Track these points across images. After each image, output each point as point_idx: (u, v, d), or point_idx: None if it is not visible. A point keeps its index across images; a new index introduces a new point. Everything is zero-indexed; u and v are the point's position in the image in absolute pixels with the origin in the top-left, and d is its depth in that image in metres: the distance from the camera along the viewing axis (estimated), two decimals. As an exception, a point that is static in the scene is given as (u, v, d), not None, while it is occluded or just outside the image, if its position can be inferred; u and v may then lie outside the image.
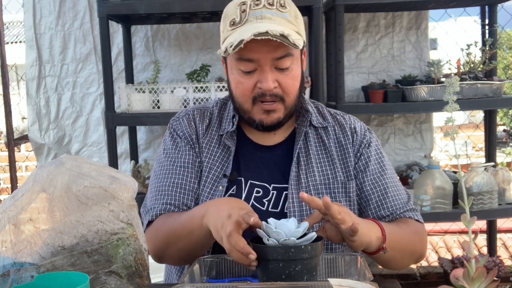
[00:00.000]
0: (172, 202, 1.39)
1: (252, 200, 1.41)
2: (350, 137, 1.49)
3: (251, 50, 1.30)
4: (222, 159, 1.45)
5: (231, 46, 1.29)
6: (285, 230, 1.11)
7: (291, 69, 1.36)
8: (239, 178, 1.43)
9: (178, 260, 1.39)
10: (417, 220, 1.44)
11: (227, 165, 1.44)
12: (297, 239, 1.11)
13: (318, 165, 1.45)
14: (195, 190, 1.43)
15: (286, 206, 1.40)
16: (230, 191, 1.42)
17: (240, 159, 1.46)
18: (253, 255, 1.07)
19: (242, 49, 1.29)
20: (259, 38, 1.26)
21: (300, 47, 1.33)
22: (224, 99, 1.55)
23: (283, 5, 1.35)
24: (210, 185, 1.42)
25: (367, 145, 1.49)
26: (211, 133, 1.48)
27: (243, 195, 1.41)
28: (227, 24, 1.36)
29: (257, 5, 1.33)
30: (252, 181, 1.43)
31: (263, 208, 1.41)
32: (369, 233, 1.23)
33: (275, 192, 1.42)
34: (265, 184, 1.43)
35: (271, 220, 1.14)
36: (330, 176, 1.44)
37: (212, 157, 1.45)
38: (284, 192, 1.41)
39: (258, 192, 1.42)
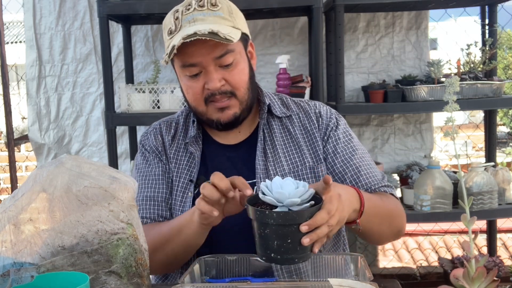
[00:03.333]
0: (147, 215, 1.43)
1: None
2: (315, 121, 1.50)
3: (191, 55, 1.34)
4: (190, 166, 1.47)
5: (166, 54, 1.34)
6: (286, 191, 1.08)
7: (236, 64, 1.38)
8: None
9: (162, 267, 1.40)
10: (393, 195, 1.45)
11: (194, 170, 1.45)
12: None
13: (286, 154, 1.47)
14: (168, 200, 1.46)
15: None
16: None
17: (208, 162, 1.47)
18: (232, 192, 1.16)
19: (183, 55, 1.33)
20: (188, 40, 1.27)
21: (234, 41, 1.32)
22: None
23: (214, 4, 1.36)
24: (181, 194, 1.45)
25: (334, 128, 1.49)
26: (178, 142, 1.51)
27: None
28: (166, 34, 1.40)
29: (188, 9, 1.36)
30: None
31: None
32: (349, 206, 1.20)
33: None
34: None
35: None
36: (298, 163, 1.45)
37: (180, 166, 1.48)
38: (255, 187, 1.42)
39: None
